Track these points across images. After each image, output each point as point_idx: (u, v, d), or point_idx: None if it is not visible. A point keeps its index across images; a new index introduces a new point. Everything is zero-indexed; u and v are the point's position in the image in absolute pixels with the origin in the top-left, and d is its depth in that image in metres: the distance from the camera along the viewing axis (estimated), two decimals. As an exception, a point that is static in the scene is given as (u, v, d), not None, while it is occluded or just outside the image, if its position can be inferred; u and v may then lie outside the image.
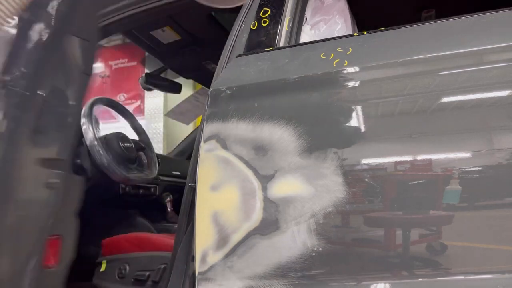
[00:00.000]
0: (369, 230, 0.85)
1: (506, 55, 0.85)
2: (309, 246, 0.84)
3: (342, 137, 0.88)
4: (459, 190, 0.80)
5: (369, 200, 0.85)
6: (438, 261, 0.81)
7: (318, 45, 1.07)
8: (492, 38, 0.87)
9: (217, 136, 0.96)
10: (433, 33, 0.95)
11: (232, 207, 0.90)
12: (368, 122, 0.89)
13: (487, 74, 0.85)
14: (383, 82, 0.91)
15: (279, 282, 0.84)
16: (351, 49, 0.97)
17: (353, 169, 0.86)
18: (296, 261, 0.84)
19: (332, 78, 0.94)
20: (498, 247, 0.79)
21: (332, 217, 0.84)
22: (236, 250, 0.88)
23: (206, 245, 0.90)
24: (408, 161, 0.84)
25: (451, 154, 0.83)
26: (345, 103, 0.91)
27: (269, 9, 1.16)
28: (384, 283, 0.83)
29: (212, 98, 1.01)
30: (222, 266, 0.88)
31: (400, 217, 0.83)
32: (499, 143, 0.81)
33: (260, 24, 1.15)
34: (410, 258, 0.82)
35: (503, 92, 0.84)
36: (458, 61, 0.87)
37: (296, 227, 0.86)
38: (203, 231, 0.91)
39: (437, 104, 0.86)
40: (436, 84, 0.86)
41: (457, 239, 0.81)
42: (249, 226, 0.88)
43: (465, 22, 0.94)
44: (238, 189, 0.91)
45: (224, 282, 0.87)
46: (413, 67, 0.90)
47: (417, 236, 0.82)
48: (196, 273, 0.89)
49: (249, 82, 1.00)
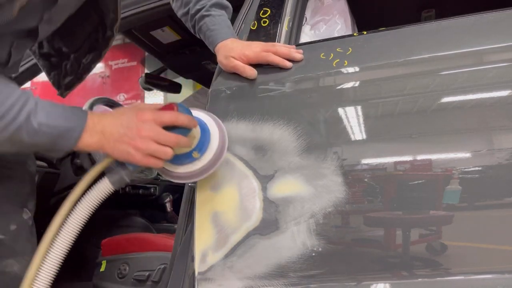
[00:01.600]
0: (369, 230, 0.85)
1: (506, 55, 0.85)
2: (309, 246, 0.84)
3: (342, 137, 0.88)
4: (459, 190, 0.80)
5: (369, 200, 0.85)
6: (438, 261, 0.81)
7: (318, 45, 1.07)
8: (492, 38, 0.87)
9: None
10: (433, 33, 0.95)
11: (232, 207, 0.90)
12: (368, 122, 0.89)
13: (487, 74, 0.85)
14: (383, 82, 0.90)
15: (279, 282, 0.84)
16: (351, 49, 0.97)
17: (353, 169, 0.86)
18: (296, 261, 0.84)
19: (332, 78, 0.94)
20: (498, 247, 0.79)
21: (332, 217, 0.84)
22: (236, 250, 0.88)
23: (206, 245, 0.90)
24: (408, 161, 0.84)
25: (451, 154, 0.83)
26: (345, 103, 0.91)
27: (269, 9, 1.16)
28: (384, 283, 0.83)
29: (212, 98, 1.01)
30: (222, 266, 0.88)
31: (400, 217, 0.83)
32: (499, 143, 0.81)
33: (260, 24, 1.15)
34: (410, 258, 0.82)
35: (503, 92, 0.84)
36: (458, 61, 0.87)
37: (296, 227, 0.86)
38: (203, 231, 0.91)
39: (437, 104, 0.86)
40: (436, 84, 0.86)
41: (457, 239, 0.81)
42: (249, 226, 0.88)
43: (465, 22, 0.94)
44: (238, 189, 0.91)
45: (224, 282, 0.87)
46: (413, 67, 0.90)
47: (417, 236, 0.82)
48: (196, 273, 0.89)
49: (249, 82, 1.00)
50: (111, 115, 0.82)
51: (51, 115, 0.76)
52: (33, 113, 0.74)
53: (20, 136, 0.74)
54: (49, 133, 0.76)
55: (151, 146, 0.78)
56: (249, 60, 1.01)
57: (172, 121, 0.80)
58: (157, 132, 0.79)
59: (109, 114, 0.82)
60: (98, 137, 0.79)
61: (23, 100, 0.74)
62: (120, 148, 0.79)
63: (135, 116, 0.80)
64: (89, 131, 0.79)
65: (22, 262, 0.96)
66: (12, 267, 0.96)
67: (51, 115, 0.76)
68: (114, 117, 0.81)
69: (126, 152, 0.79)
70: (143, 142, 0.78)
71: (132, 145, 0.78)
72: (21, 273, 0.95)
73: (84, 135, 0.78)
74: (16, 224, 0.98)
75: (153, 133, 0.78)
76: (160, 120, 0.79)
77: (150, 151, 0.79)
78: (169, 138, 0.79)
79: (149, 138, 0.78)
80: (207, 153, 0.85)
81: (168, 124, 0.80)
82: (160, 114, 0.80)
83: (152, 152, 0.79)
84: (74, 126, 0.78)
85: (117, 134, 0.79)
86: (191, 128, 0.82)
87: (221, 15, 1.12)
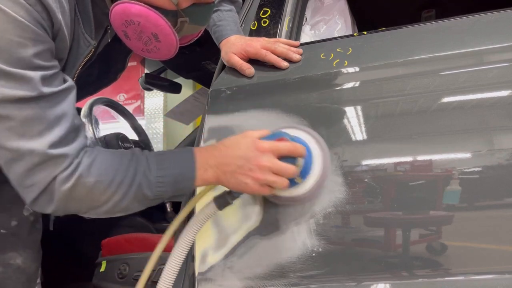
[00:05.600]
0: (369, 230, 0.84)
1: (506, 55, 0.85)
2: (309, 246, 0.84)
3: (342, 138, 0.88)
4: (459, 190, 0.80)
5: (369, 200, 0.84)
6: (438, 261, 0.81)
7: (318, 45, 1.07)
8: (492, 38, 0.87)
9: (217, 136, 0.96)
10: (433, 33, 0.95)
11: (232, 207, 0.90)
12: (368, 123, 0.88)
13: (487, 74, 0.85)
14: (383, 82, 0.90)
15: (279, 283, 0.84)
16: (351, 49, 0.97)
17: (353, 169, 0.86)
18: (296, 262, 0.84)
19: (332, 78, 0.94)
20: (498, 247, 0.79)
21: (332, 218, 0.84)
22: (236, 250, 0.88)
23: (206, 245, 0.90)
24: (408, 162, 0.84)
25: (451, 154, 0.83)
26: (345, 103, 0.91)
27: (269, 9, 1.16)
28: (384, 283, 0.83)
29: (212, 98, 1.01)
30: (222, 266, 0.88)
31: (400, 217, 0.83)
32: (499, 143, 0.81)
33: (260, 24, 1.15)
34: (410, 258, 0.82)
35: (503, 92, 0.84)
36: (458, 61, 0.87)
37: (296, 228, 0.85)
38: (203, 231, 0.91)
39: (437, 105, 0.85)
40: (436, 85, 0.86)
41: (457, 239, 0.81)
42: (249, 227, 0.88)
43: (465, 22, 0.94)
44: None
45: (224, 283, 0.87)
46: (413, 67, 0.90)
47: (417, 236, 0.82)
48: (196, 273, 0.89)
49: (249, 82, 1.00)
50: (224, 148, 0.83)
51: (162, 166, 0.80)
52: (147, 170, 0.79)
53: (144, 193, 0.78)
54: (167, 182, 0.80)
55: (270, 178, 0.79)
56: (249, 56, 1.03)
57: (290, 152, 0.80)
58: (276, 163, 0.79)
59: (220, 147, 0.84)
60: (212, 171, 0.82)
61: (135, 161, 0.79)
62: (237, 179, 0.80)
63: (254, 146, 0.80)
64: (202, 168, 0.81)
65: (24, 255, 1.00)
66: (16, 260, 0.99)
67: (162, 166, 0.80)
68: (227, 149, 0.82)
69: (243, 183, 0.80)
70: (262, 173, 0.79)
71: (251, 176, 0.79)
72: (24, 265, 0.98)
73: (198, 173, 0.81)
74: (17, 220, 1.01)
75: (271, 164, 0.79)
76: (278, 152, 0.80)
77: (268, 182, 0.80)
78: (286, 170, 0.80)
79: (268, 169, 0.79)
80: (309, 179, 0.84)
81: (286, 155, 0.80)
82: (278, 145, 0.80)
83: (270, 183, 0.80)
84: (186, 169, 0.81)
85: (234, 166, 0.80)
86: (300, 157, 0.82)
87: (229, 10, 1.13)
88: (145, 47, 0.83)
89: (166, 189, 0.81)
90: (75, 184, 0.73)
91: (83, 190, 0.74)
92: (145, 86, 2.19)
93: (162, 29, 0.79)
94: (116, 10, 0.79)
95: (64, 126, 0.74)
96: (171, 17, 0.80)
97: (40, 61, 0.71)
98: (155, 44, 0.81)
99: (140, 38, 0.81)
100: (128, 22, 0.79)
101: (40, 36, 0.71)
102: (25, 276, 1.00)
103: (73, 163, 0.74)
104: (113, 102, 1.91)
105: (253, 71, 1.01)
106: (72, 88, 0.78)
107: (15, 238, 1.00)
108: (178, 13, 0.81)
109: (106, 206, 0.77)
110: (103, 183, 0.75)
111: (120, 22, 0.80)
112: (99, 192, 0.75)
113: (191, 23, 0.84)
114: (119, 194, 0.77)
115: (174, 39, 0.81)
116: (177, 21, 0.82)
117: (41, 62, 0.72)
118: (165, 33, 0.79)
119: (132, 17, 0.78)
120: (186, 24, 0.83)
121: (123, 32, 0.82)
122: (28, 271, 1.01)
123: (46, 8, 0.71)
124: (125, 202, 0.78)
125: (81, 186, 0.74)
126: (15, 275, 0.98)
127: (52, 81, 0.74)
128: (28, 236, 1.03)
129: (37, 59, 0.71)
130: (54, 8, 0.72)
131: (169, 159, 0.82)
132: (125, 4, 0.78)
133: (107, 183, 0.75)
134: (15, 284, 0.98)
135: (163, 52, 0.83)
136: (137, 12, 0.77)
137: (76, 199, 0.75)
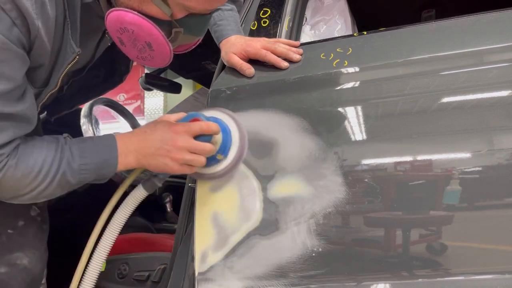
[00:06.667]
0: (369, 230, 0.85)
1: (506, 55, 0.85)
2: (309, 246, 0.84)
3: (342, 138, 0.88)
4: (459, 190, 0.80)
5: (369, 200, 0.84)
6: (438, 261, 0.81)
7: (318, 45, 1.07)
8: (492, 38, 0.87)
9: (217, 136, 0.96)
10: (433, 33, 0.95)
11: (232, 207, 0.90)
12: (368, 123, 0.89)
13: (487, 74, 0.85)
14: (383, 82, 0.90)
15: (279, 283, 0.84)
16: (351, 49, 0.97)
17: (353, 169, 0.86)
18: (296, 262, 0.84)
19: (332, 78, 0.94)
20: (498, 247, 0.79)
21: (332, 218, 0.84)
22: (236, 250, 0.88)
23: (206, 245, 0.90)
24: (408, 162, 0.84)
25: (451, 154, 0.83)
26: (345, 103, 0.91)
27: (269, 9, 1.16)
28: (384, 283, 0.83)
29: (212, 98, 1.01)
30: (222, 266, 0.88)
31: (400, 217, 0.83)
32: (499, 143, 0.81)
33: (260, 24, 1.15)
34: (410, 258, 0.82)
35: (503, 92, 0.84)
36: (458, 61, 0.87)
37: (296, 228, 0.85)
38: (203, 231, 0.91)
39: (437, 105, 0.85)
40: (436, 85, 0.86)
41: (457, 239, 0.81)
42: (249, 227, 0.88)
43: (465, 22, 0.94)
44: (238, 189, 0.91)
45: (224, 283, 0.87)
46: (413, 67, 0.90)
47: (417, 236, 0.82)
48: (196, 273, 0.89)
49: (249, 82, 1.00)
50: (141, 133, 0.88)
51: (85, 154, 0.84)
52: (71, 159, 0.83)
53: (67, 180, 0.83)
54: (90, 169, 0.85)
55: (187, 156, 0.85)
56: (249, 56, 1.03)
57: (203, 131, 0.85)
58: (191, 143, 0.85)
59: (138, 132, 0.89)
60: (133, 156, 0.87)
61: (60, 152, 0.82)
62: (157, 160, 0.86)
63: (169, 129, 0.86)
64: (123, 154, 0.86)
65: (30, 255, 1.01)
66: (22, 260, 1.00)
67: (85, 154, 0.84)
68: (145, 133, 0.88)
69: (163, 164, 0.86)
70: (179, 153, 0.85)
71: (169, 157, 0.85)
72: (30, 265, 0.99)
73: (120, 159, 0.86)
74: (24, 220, 1.02)
75: (188, 144, 0.84)
76: (192, 131, 0.85)
77: (185, 160, 0.85)
78: (202, 147, 0.86)
79: (184, 149, 0.84)
80: (230, 154, 0.90)
81: (199, 133, 0.85)
82: (190, 125, 0.86)
83: (188, 162, 0.85)
84: (108, 156, 0.86)
85: (153, 149, 0.86)
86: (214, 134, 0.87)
87: (230, 10, 1.14)
88: (140, 55, 0.84)
89: (89, 176, 0.85)
90: (3, 176, 0.77)
91: (10, 182, 0.78)
92: (145, 86, 2.19)
93: (155, 38, 0.79)
94: (111, 17, 0.79)
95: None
96: (165, 27, 0.81)
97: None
98: (149, 53, 0.82)
99: (134, 45, 0.82)
100: (122, 30, 0.79)
101: (6, 44, 0.71)
102: (31, 277, 1.00)
103: (2, 159, 0.77)
104: (113, 102, 1.91)
105: (253, 71, 1.01)
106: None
107: (21, 238, 1.00)
108: (172, 24, 0.82)
109: (30, 194, 0.81)
110: (29, 175, 0.79)
111: (115, 29, 0.80)
112: (25, 183, 0.79)
113: (186, 33, 0.84)
114: (44, 184, 0.81)
115: (167, 49, 0.82)
116: (172, 31, 0.83)
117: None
118: (159, 42, 0.80)
119: (126, 25, 0.78)
120: (181, 34, 0.84)
121: (119, 39, 0.82)
122: (33, 272, 1.01)
123: (22, 13, 0.72)
124: (49, 190, 0.82)
125: (8, 178, 0.77)
126: (21, 275, 0.98)
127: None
128: (35, 236, 1.03)
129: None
130: (32, 14, 0.72)
131: (92, 147, 0.86)
132: (120, 12, 0.78)
133: (33, 174, 0.79)
134: (20, 284, 0.98)
135: (157, 61, 0.85)
136: (130, 20, 0.78)
137: (2, 189, 0.79)
